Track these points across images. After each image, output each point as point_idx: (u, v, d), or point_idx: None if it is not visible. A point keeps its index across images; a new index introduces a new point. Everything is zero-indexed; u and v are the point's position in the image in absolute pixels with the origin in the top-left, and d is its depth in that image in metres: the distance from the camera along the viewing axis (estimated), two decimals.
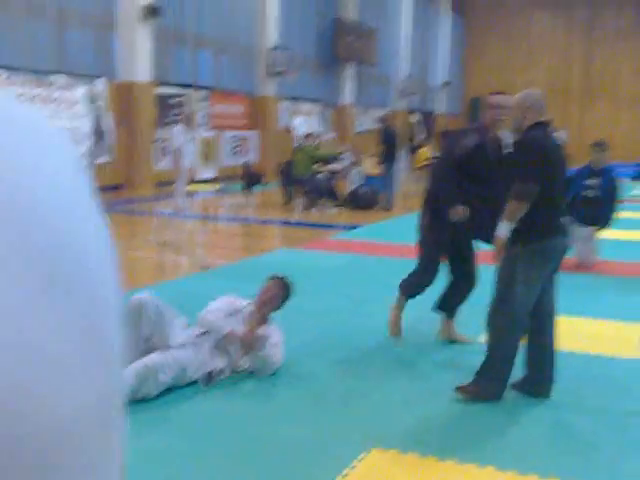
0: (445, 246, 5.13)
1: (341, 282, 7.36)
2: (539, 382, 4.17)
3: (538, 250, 3.97)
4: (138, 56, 15.37)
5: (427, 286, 5.25)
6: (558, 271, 4.14)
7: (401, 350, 5.09)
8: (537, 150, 3.94)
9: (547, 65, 33.55)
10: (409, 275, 5.32)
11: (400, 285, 5.32)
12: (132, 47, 15.32)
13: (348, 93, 24.69)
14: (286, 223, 12.13)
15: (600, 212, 7.95)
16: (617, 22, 32.37)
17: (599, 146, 8.20)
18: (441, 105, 32.77)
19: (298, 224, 11.93)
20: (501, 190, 4.12)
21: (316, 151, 14.28)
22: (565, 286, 5.20)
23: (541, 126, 4.07)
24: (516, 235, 3.98)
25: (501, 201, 4.03)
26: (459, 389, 4.11)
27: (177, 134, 12.81)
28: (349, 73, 24.54)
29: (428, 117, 30.94)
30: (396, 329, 5.24)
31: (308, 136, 14.64)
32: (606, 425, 3.86)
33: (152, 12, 15.34)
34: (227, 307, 4.64)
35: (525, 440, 3.66)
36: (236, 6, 18.84)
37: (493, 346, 4.09)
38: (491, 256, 4.14)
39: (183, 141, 12.81)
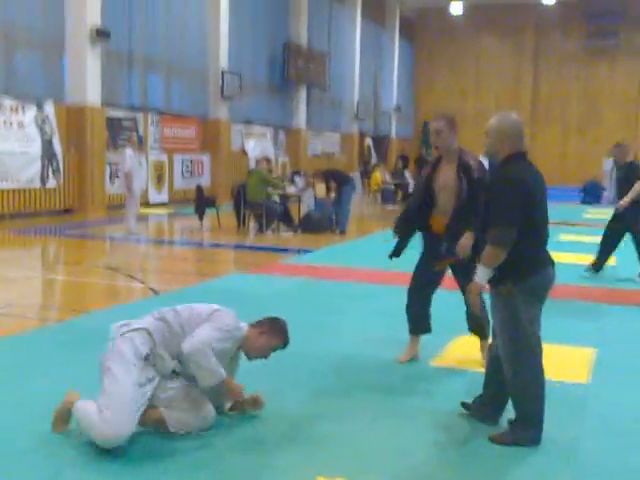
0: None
1: (293, 307, 7.28)
2: (493, 409, 4.13)
3: (533, 286, 3.78)
4: (88, 78, 15.18)
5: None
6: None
7: (351, 375, 5.03)
8: (520, 190, 3.66)
9: (496, 90, 34.17)
10: None
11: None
12: (82, 69, 15.12)
13: (301, 116, 24.76)
14: (239, 247, 12.02)
15: None
16: (564, 47, 33.18)
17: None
18: (393, 129, 33.09)
19: (252, 248, 11.83)
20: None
21: (269, 174, 14.22)
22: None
23: (521, 157, 3.82)
24: (505, 273, 3.74)
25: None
26: (494, 439, 3.86)
27: (127, 157, 12.70)
28: (301, 96, 24.63)
29: (381, 141, 31.23)
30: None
31: (262, 160, 14.59)
32: (549, 451, 3.83)
33: (102, 34, 15.18)
34: (223, 336, 3.90)
35: (473, 463, 3.62)
36: (187, 29, 18.78)
37: (526, 397, 3.86)
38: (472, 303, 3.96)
39: (134, 164, 12.69)
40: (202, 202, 14.22)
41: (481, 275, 3.76)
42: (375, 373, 5.10)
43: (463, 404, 4.24)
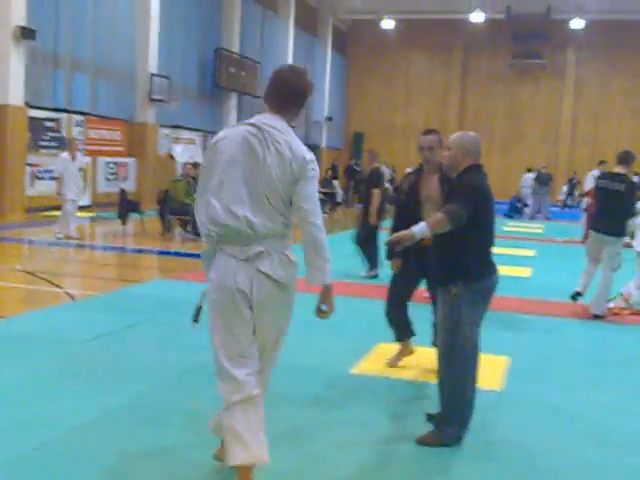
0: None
1: None
2: None
3: (481, 289, 4.02)
4: (10, 77, 14.75)
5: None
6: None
7: (273, 385, 5.00)
8: (477, 191, 4.02)
9: (425, 105, 34.75)
10: None
11: None
12: (4, 68, 14.68)
13: (231, 123, 24.60)
14: (164, 253, 11.85)
15: None
16: (491, 66, 34.01)
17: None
18: (324, 139, 33.27)
19: (177, 254, 11.68)
20: None
21: (190, 187, 14.07)
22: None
23: (479, 168, 4.16)
24: (454, 274, 3.99)
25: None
26: (421, 440, 3.99)
27: (61, 161, 12.45)
28: (232, 103, 24.52)
29: (312, 151, 31.31)
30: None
31: (189, 165, 14.45)
32: (465, 456, 3.90)
33: (26, 33, 14.79)
34: None
35: (387, 471, 3.65)
36: (115, 31, 18.46)
37: (453, 393, 4.03)
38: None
39: (66, 169, 12.43)
40: (125, 206, 13.99)
41: (417, 230, 3.92)
42: (294, 381, 5.09)
43: (428, 415, 4.23)
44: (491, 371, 5.48)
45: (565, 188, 29.38)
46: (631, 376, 5.71)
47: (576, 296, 8.33)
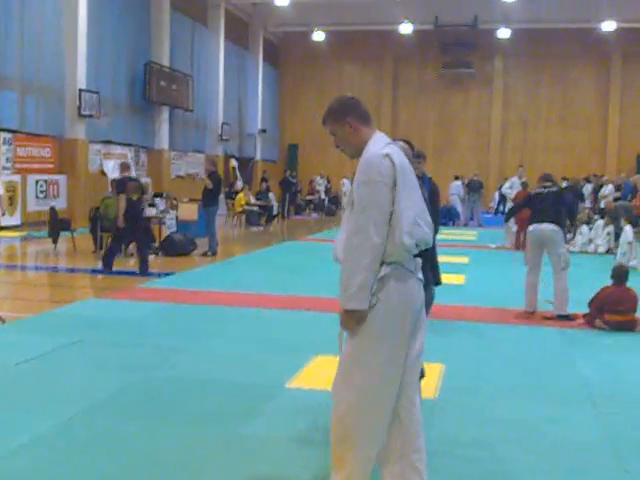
0: None
1: (152, 332, 7.14)
2: None
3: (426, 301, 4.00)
4: None
5: None
6: None
7: (205, 399, 4.98)
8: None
9: None
10: None
11: None
12: None
13: (163, 137, 24.38)
14: (96, 271, 11.62)
15: None
16: (421, 76, 34.54)
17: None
18: (259, 151, 33.22)
19: (110, 272, 11.49)
20: None
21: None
22: None
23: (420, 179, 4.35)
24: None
25: None
26: None
27: None
28: (164, 117, 24.27)
29: (247, 163, 31.28)
30: None
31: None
32: None
33: None
34: None
35: None
36: (43, 46, 18.10)
37: None
38: None
39: None
40: (56, 225, 13.69)
41: None
42: (230, 397, 5.07)
43: None
44: (426, 379, 5.55)
45: (496, 195, 29.99)
46: (561, 381, 5.84)
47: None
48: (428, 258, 4.21)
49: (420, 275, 3.24)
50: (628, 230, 13.72)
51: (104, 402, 4.90)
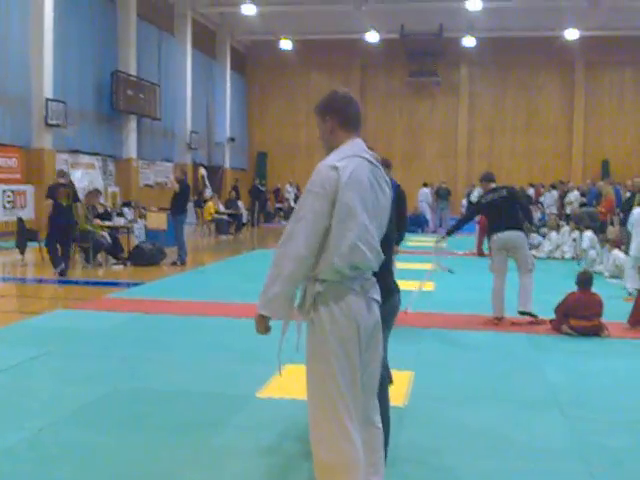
0: None
1: (122, 343, 7.10)
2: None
3: (388, 311, 3.72)
4: None
5: None
6: None
7: (175, 410, 4.97)
8: None
9: None
10: None
11: None
12: None
13: (131, 146, 24.22)
14: (64, 282, 11.52)
15: None
16: (388, 84, 34.76)
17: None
18: (227, 160, 33.14)
19: (78, 282, 11.39)
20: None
21: (97, 205, 13.82)
22: None
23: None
24: None
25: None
26: None
27: None
28: (132, 126, 24.12)
29: (215, 172, 31.18)
30: None
31: (94, 192, 14.16)
32: None
33: None
34: None
35: None
36: (8, 55, 17.90)
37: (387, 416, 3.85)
38: None
39: None
40: (24, 235, 13.55)
41: None
42: (199, 407, 5.06)
43: None
44: (395, 387, 5.58)
45: (464, 202, 30.26)
46: (529, 387, 5.92)
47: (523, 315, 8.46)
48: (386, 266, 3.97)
49: (373, 294, 3.13)
50: (585, 236, 13.92)
51: (73, 414, 4.87)
